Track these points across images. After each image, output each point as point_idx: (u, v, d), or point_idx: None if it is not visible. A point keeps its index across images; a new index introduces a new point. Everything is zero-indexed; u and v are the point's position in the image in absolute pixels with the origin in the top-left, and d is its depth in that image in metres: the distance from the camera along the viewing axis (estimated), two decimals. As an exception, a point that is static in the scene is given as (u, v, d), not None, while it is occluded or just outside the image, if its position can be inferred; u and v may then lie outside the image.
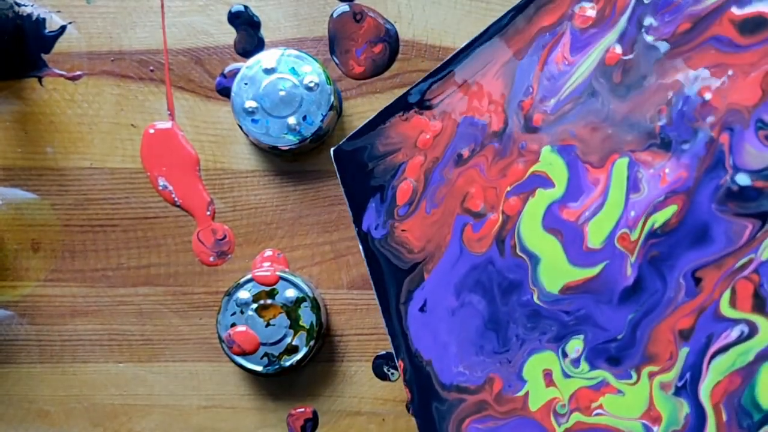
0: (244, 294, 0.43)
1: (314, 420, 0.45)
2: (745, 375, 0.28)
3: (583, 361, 0.33)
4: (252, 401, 0.46)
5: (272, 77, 0.43)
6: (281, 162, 0.45)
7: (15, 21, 0.45)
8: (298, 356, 0.43)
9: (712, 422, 0.29)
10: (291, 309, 0.43)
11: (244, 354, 0.43)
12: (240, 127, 0.43)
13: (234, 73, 0.44)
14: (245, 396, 0.46)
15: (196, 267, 0.46)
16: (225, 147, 0.45)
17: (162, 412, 0.46)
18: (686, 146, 0.30)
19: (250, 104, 0.43)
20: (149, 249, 0.46)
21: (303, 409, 0.45)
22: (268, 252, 0.45)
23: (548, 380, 0.34)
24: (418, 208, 0.38)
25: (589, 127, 0.33)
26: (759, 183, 0.29)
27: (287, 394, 0.45)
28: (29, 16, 0.45)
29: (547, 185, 0.34)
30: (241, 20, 0.45)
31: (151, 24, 0.45)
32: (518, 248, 0.35)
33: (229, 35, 0.45)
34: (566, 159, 0.34)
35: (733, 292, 0.29)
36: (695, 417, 0.29)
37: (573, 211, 0.34)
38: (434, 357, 0.38)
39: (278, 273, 0.43)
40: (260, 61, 0.43)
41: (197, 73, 0.45)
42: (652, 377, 0.31)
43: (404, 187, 0.39)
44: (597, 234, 0.33)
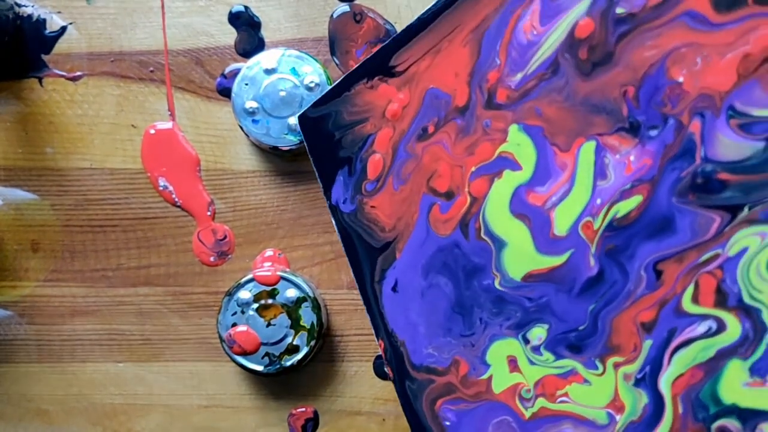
0: (245, 294, 0.43)
1: (315, 420, 0.45)
2: (708, 369, 0.28)
3: (545, 350, 0.32)
4: (253, 401, 0.45)
5: (273, 77, 0.43)
6: (282, 162, 0.45)
7: (15, 21, 0.45)
8: (299, 356, 0.43)
9: (669, 413, 0.29)
10: (292, 309, 0.43)
11: (245, 354, 0.43)
12: (240, 128, 0.43)
13: (234, 74, 0.44)
14: (246, 396, 0.45)
15: (197, 267, 0.45)
16: (225, 147, 0.45)
17: (162, 412, 0.46)
18: (654, 132, 0.28)
19: (251, 104, 0.43)
20: (149, 249, 0.46)
21: (304, 409, 0.45)
22: (269, 252, 0.45)
23: (512, 366, 0.33)
24: (386, 184, 0.36)
25: (554, 107, 0.31)
26: (725, 175, 0.27)
27: (288, 394, 0.45)
28: (29, 17, 0.45)
29: (515, 167, 0.32)
30: (242, 21, 0.45)
31: (152, 24, 0.45)
32: (483, 231, 0.33)
33: (230, 36, 0.45)
34: (535, 139, 0.32)
35: (696, 287, 0.28)
36: (653, 408, 0.29)
37: (540, 196, 0.32)
38: (407, 338, 0.37)
39: (279, 273, 0.43)
40: (261, 62, 0.43)
41: (198, 74, 0.45)
42: (617, 368, 0.30)
43: (375, 160, 0.36)
44: (563, 221, 0.31)
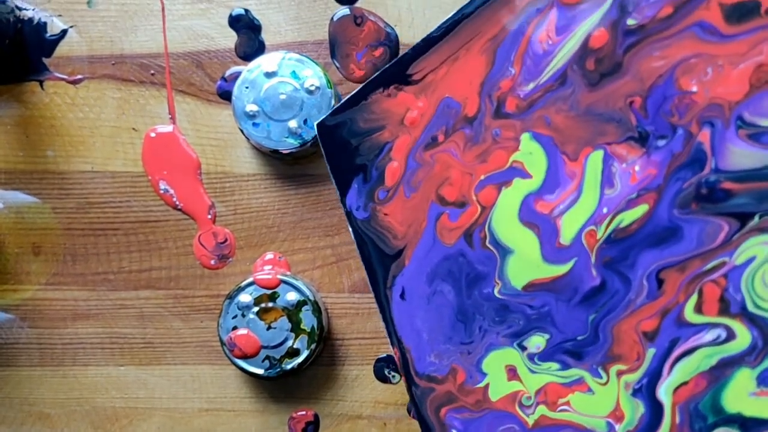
0: (246, 297, 0.43)
1: (315, 423, 0.45)
2: (713, 378, 0.28)
3: (546, 358, 0.32)
4: (253, 404, 0.45)
5: (273, 81, 0.43)
6: (282, 165, 0.45)
7: (16, 25, 0.45)
8: (300, 359, 0.43)
9: (668, 422, 0.29)
10: (292, 312, 0.43)
11: (246, 357, 0.43)
12: (241, 131, 0.43)
13: (235, 77, 0.44)
14: (246, 399, 0.46)
15: (197, 270, 0.46)
16: (226, 150, 0.45)
17: (163, 415, 0.46)
18: (662, 142, 0.28)
19: (251, 108, 0.43)
20: (150, 252, 0.46)
21: (304, 413, 0.45)
22: (270, 255, 0.45)
23: (511, 375, 0.33)
24: (398, 192, 0.36)
25: (562, 116, 0.31)
26: (732, 184, 0.27)
27: (288, 398, 0.45)
28: (30, 20, 0.45)
29: (525, 176, 0.32)
30: (242, 24, 0.45)
31: (152, 27, 0.45)
32: (488, 240, 0.33)
33: (230, 39, 0.45)
34: (546, 148, 0.32)
35: (700, 296, 0.28)
36: (649, 417, 0.29)
37: (548, 204, 0.32)
38: (412, 345, 0.37)
39: (279, 276, 0.43)
40: (261, 65, 0.43)
41: (198, 77, 0.45)
42: (620, 376, 0.30)
43: (393, 168, 0.36)
44: (569, 229, 0.31)
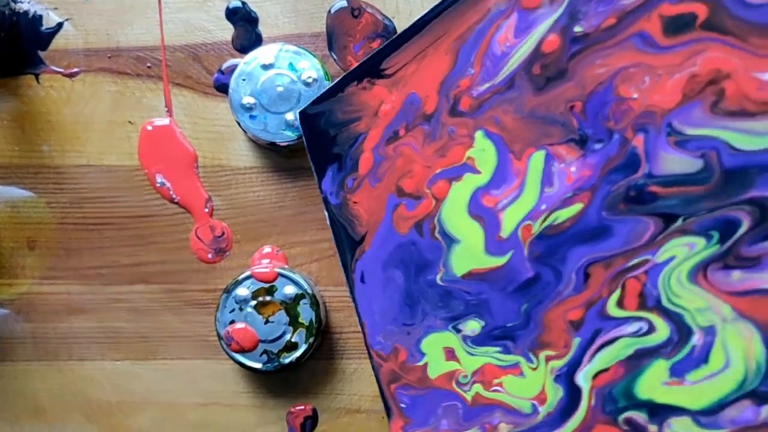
0: (243, 291, 0.43)
1: (314, 417, 0.45)
2: (631, 366, 0.29)
3: (481, 342, 0.34)
4: (251, 399, 0.45)
5: (270, 73, 0.43)
6: (279, 158, 0.45)
7: (11, 18, 0.44)
8: (298, 353, 0.43)
9: (585, 405, 0.31)
10: (290, 306, 0.43)
11: (243, 351, 0.43)
12: (238, 124, 0.43)
13: (232, 69, 0.44)
14: (244, 393, 0.45)
15: (194, 264, 0.45)
16: (223, 143, 0.45)
17: (158, 409, 0.45)
18: (599, 146, 0.30)
19: (248, 100, 0.42)
20: (146, 246, 0.45)
21: (302, 407, 0.45)
22: (267, 249, 0.45)
23: (449, 355, 0.35)
24: (364, 182, 0.38)
25: (510, 116, 0.32)
26: (659, 188, 0.28)
27: (286, 392, 0.45)
28: (26, 13, 0.45)
29: (475, 171, 0.34)
30: (239, 16, 0.45)
31: (149, 20, 0.45)
32: (437, 231, 0.35)
33: (227, 31, 0.45)
34: (497, 146, 0.33)
35: (623, 291, 0.29)
36: (567, 400, 0.31)
37: (493, 198, 0.33)
38: (368, 325, 0.39)
39: (277, 270, 0.43)
40: (258, 57, 0.43)
41: (195, 70, 0.45)
42: (549, 362, 0.32)
43: (365, 158, 0.38)
44: (509, 223, 0.33)
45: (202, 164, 0.45)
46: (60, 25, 0.45)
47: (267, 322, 0.43)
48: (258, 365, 0.43)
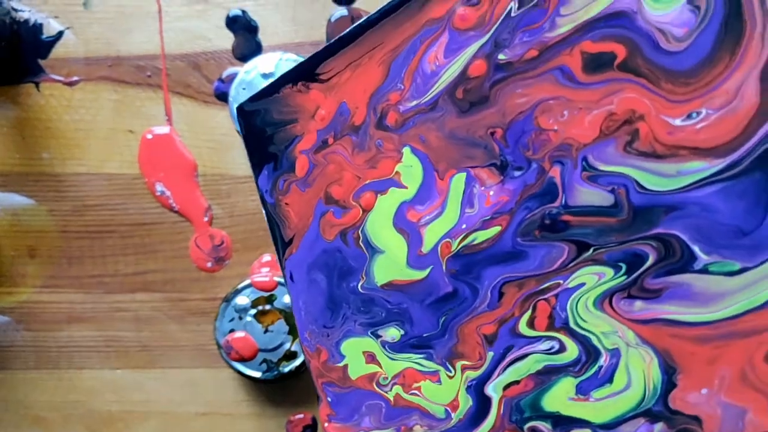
0: (243, 300, 0.43)
1: (313, 426, 0.45)
2: (540, 381, 0.31)
3: (399, 348, 0.35)
4: (250, 407, 0.45)
5: (270, 82, 0.43)
6: (279, 167, 0.45)
7: (12, 26, 0.45)
8: (297, 362, 0.43)
9: (494, 414, 0.33)
10: (290, 315, 0.43)
11: (243, 360, 0.43)
12: (238, 132, 0.43)
13: (232, 78, 0.44)
14: (243, 402, 0.45)
15: (194, 273, 0.45)
16: (223, 152, 0.45)
17: (159, 419, 0.45)
18: (518, 173, 0.31)
19: (248, 109, 0.42)
20: (146, 255, 0.45)
21: (302, 416, 0.45)
22: (267, 257, 0.45)
23: (369, 359, 0.36)
24: (292, 186, 0.38)
25: (434, 135, 0.33)
26: (571, 217, 0.30)
27: (286, 401, 0.45)
28: (26, 22, 0.45)
29: (400, 186, 0.35)
30: (239, 25, 0.45)
31: (149, 29, 0.45)
32: (361, 240, 0.36)
33: (227, 40, 0.45)
34: (423, 163, 0.34)
35: (534, 312, 0.31)
36: (475, 409, 0.33)
37: (417, 213, 0.34)
38: (297, 320, 0.40)
39: (277, 278, 0.43)
40: (258, 66, 0.43)
41: (195, 78, 0.45)
42: (464, 372, 0.33)
43: (301, 160, 0.38)
44: (430, 239, 0.34)
45: (202, 173, 0.45)
46: (60, 34, 0.45)
47: (266, 331, 0.43)
48: (257, 374, 0.43)
